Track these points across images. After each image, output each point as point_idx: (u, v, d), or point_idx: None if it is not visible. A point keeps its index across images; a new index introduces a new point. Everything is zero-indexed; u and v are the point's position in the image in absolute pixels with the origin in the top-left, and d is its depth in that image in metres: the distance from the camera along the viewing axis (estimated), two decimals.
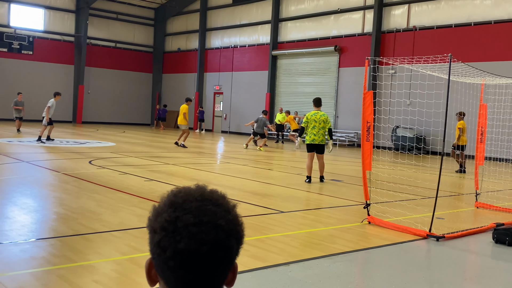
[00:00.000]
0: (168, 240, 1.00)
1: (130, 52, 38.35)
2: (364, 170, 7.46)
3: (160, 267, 1.03)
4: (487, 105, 9.38)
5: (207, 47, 35.62)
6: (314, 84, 28.59)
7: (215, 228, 1.01)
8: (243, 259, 5.07)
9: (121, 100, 37.23)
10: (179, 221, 1.00)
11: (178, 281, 1.02)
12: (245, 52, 32.78)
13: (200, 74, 35.69)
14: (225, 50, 34.09)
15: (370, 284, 4.96)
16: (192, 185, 1.11)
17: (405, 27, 24.30)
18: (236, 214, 1.08)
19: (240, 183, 10.70)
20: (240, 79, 32.88)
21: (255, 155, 18.57)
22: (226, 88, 33.89)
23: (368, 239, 6.44)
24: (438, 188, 6.74)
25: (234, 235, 1.04)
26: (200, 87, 35.73)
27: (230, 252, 1.04)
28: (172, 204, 1.04)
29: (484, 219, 7.91)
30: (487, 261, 6.10)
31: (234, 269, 1.08)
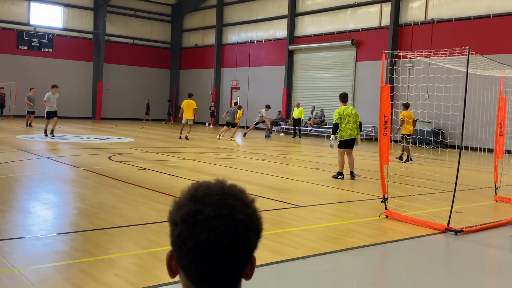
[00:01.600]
0: (188, 233, 1.04)
1: (148, 49, 38.61)
2: (381, 164, 7.45)
3: (181, 259, 1.07)
4: (507, 98, 9.27)
5: (224, 43, 35.68)
6: (331, 78, 28.47)
7: (235, 221, 1.04)
8: (261, 253, 5.12)
9: (140, 96, 37.52)
10: (199, 214, 1.04)
11: (197, 272, 1.06)
12: (261, 47, 32.76)
13: (217, 70, 35.79)
14: (242, 45, 34.12)
15: (387, 278, 4.97)
16: (212, 180, 1.15)
17: (422, 20, 24.03)
18: (254, 208, 1.11)
19: (258, 178, 10.75)
20: (257, 74, 32.89)
21: (274, 150, 18.60)
22: (243, 83, 33.93)
23: (386, 233, 6.44)
24: (456, 181, 6.70)
25: (253, 228, 1.08)
26: (217, 83, 35.83)
27: (249, 245, 1.07)
28: (192, 198, 1.08)
29: (503, 213, 7.84)
30: (506, 255, 6.05)
31: (253, 262, 1.11)
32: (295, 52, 30.50)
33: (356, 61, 26.98)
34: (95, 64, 35.72)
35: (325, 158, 16.23)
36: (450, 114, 9.11)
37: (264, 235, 4.48)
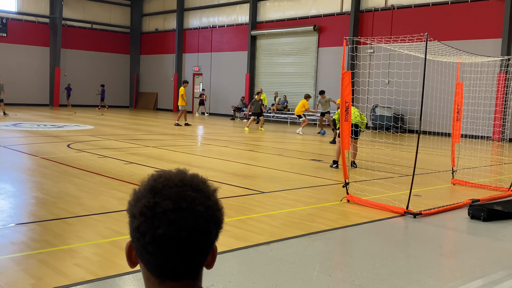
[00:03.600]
0: (147, 226, 1.02)
1: (107, 33, 37.71)
2: (343, 149, 7.55)
3: (140, 251, 1.05)
4: (463, 84, 9.52)
5: (185, 28, 35.21)
6: (294, 64, 28.56)
7: (194, 214, 1.02)
8: (225, 240, 5.13)
9: (99, 82, 36.66)
10: (158, 207, 1.02)
11: (157, 264, 1.04)
12: (224, 32, 32.51)
13: (178, 55, 35.33)
14: (204, 30, 33.76)
15: (349, 261, 5.07)
16: (173, 169, 1.12)
17: (383, 6, 24.33)
18: (216, 199, 1.09)
19: (221, 165, 10.73)
20: (219, 59, 32.66)
21: (237, 137, 18.59)
22: (206, 69, 33.65)
23: (347, 217, 6.55)
24: (415, 166, 6.86)
25: (214, 220, 1.06)
26: (179, 68, 35.40)
27: (209, 237, 1.05)
28: (152, 189, 1.05)
29: (460, 195, 8.09)
30: (462, 236, 6.26)
31: (214, 252, 1.10)
32: (257, 37, 30.40)
33: (318, 47, 27.13)
34: (52, 49, 34.66)
35: (288, 144, 16.33)
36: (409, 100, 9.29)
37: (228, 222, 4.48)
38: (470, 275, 4.41)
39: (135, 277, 4.05)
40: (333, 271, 4.52)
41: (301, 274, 4.30)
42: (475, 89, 10.89)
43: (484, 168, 11.57)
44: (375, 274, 4.38)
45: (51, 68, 34.68)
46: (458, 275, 4.51)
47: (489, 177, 10.34)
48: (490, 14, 20.83)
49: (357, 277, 4.33)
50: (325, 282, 4.14)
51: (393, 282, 4.21)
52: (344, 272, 4.62)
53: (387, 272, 4.45)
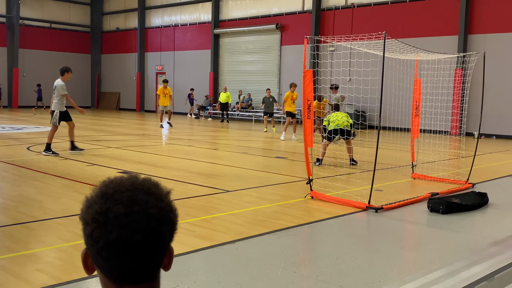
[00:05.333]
0: (99, 231, 1.03)
1: (66, 33, 36.90)
2: (306, 146, 7.65)
3: (95, 257, 1.06)
4: (421, 80, 9.78)
5: (147, 26, 34.82)
6: (257, 62, 28.65)
7: (147, 217, 1.04)
8: (189, 240, 5.13)
9: None
10: (110, 212, 1.03)
11: (113, 269, 1.05)
12: (186, 31, 32.31)
13: (141, 54, 34.92)
14: (166, 29, 33.46)
15: (313, 256, 5.16)
16: (125, 175, 1.14)
17: (343, 4, 24.67)
18: (169, 201, 1.11)
19: (186, 164, 10.69)
20: (182, 58, 32.44)
21: (202, 136, 18.54)
22: (169, 68, 33.37)
23: (311, 214, 6.65)
24: (375, 161, 7.02)
25: (167, 222, 1.08)
26: (141, 68, 34.99)
27: (163, 238, 1.07)
28: (103, 195, 1.07)
29: (420, 189, 8.32)
30: (422, 229, 6.45)
31: (170, 253, 1.12)
32: (220, 36, 30.35)
33: (281, 45, 27.30)
34: (9, 50, 33.66)
35: (253, 142, 16.40)
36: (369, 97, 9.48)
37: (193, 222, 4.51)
38: (430, 267, 4.56)
39: (99, 281, 4.01)
40: (298, 267, 4.59)
41: (266, 272, 4.35)
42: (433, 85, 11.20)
43: (442, 162, 11.91)
44: (338, 269, 4.48)
45: (8, 68, 33.69)
46: (418, 267, 4.65)
47: (448, 170, 10.66)
48: (446, 12, 21.42)
49: (321, 272, 4.42)
50: (290, 279, 4.21)
51: (355, 276, 4.31)
52: (308, 268, 4.70)
53: (350, 267, 4.55)
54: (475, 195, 7.50)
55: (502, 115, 20.07)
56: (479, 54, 10.14)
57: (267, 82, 27.71)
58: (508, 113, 20.03)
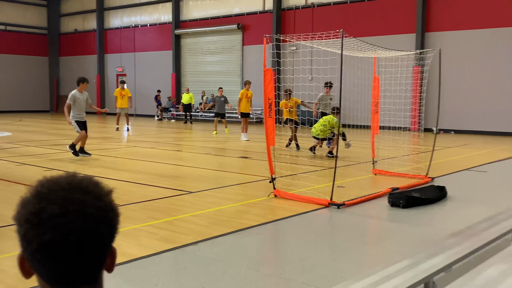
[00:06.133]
0: (32, 233, 0.98)
1: (23, 35, 35.88)
2: (268, 145, 7.65)
3: (30, 260, 1.01)
4: (380, 78, 9.94)
5: (106, 28, 34.21)
6: (219, 63, 28.57)
7: (83, 217, 0.99)
8: (151, 242, 5.06)
9: (16, 87, 34.86)
10: (43, 212, 0.98)
11: (49, 272, 1.00)
12: (147, 32, 31.92)
13: (100, 56, 34.28)
14: (126, 30, 32.97)
15: (276, 254, 5.16)
16: (63, 173, 1.09)
17: (304, 4, 24.88)
18: (109, 200, 1.07)
19: (148, 166, 10.54)
20: (143, 60, 32.03)
21: (164, 137, 18.34)
22: (130, 69, 32.89)
23: (274, 212, 6.66)
24: (336, 158, 7.09)
25: (106, 222, 1.04)
26: (101, 70, 34.36)
27: (101, 239, 1.03)
28: (37, 195, 1.02)
29: (381, 184, 8.45)
30: (383, 223, 6.55)
31: (113, 254, 1.08)
32: (181, 36, 30.12)
33: (243, 45, 27.30)
34: None
35: (216, 143, 16.33)
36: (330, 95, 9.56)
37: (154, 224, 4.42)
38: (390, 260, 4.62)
39: None
40: (261, 266, 4.58)
41: (229, 272, 4.33)
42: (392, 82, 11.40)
43: (402, 157, 12.15)
44: (301, 266, 4.49)
45: None
46: (378, 261, 4.71)
47: (408, 166, 10.87)
48: (404, 10, 21.88)
49: (284, 270, 4.42)
50: (253, 278, 4.19)
51: (318, 272, 4.34)
52: (271, 266, 4.70)
53: (313, 263, 4.57)
54: (434, 189, 7.67)
55: (460, 111, 20.65)
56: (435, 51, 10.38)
57: (229, 82, 27.66)
58: (465, 109, 20.62)
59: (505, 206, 5.72)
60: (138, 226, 5.64)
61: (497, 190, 8.39)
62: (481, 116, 20.39)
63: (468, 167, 10.82)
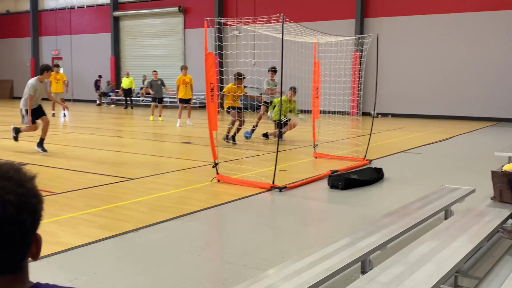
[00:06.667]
0: None
1: None
2: (210, 130, 7.62)
3: None
4: (320, 63, 10.09)
5: (40, 9, 32.69)
6: (161, 46, 28.03)
7: (2, 203, 0.97)
8: (89, 230, 4.93)
9: None
10: None
11: None
12: (84, 14, 30.77)
13: (34, 39, 32.77)
14: (61, 11, 31.64)
15: (218, 239, 5.18)
16: None
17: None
18: (31, 186, 1.04)
19: (86, 153, 10.24)
20: (80, 42, 30.91)
21: (104, 123, 17.85)
22: (66, 52, 31.66)
23: (217, 197, 6.66)
24: (278, 142, 7.16)
25: (27, 209, 1.01)
26: (35, 53, 32.88)
27: (23, 227, 1.00)
28: None
29: (321, 167, 8.63)
30: (323, 205, 6.71)
31: (37, 242, 1.05)
32: (120, 18, 29.26)
33: (184, 28, 26.89)
34: None
35: (158, 128, 16.08)
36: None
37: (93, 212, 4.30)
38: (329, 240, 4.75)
39: None
40: (203, 250, 4.58)
41: (170, 258, 4.30)
42: (332, 67, 11.60)
43: (342, 141, 12.44)
44: (242, 248, 4.53)
45: None
46: (318, 241, 4.83)
47: (347, 149, 11.15)
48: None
49: (226, 253, 4.44)
50: (194, 262, 4.19)
51: (259, 254, 4.39)
52: (213, 250, 4.71)
53: (254, 246, 4.62)
54: (372, 170, 7.93)
55: (397, 95, 21.35)
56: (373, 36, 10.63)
57: (171, 66, 27.21)
58: (402, 93, 21.34)
59: (438, 186, 5.99)
60: (75, 214, 5.49)
61: (431, 171, 8.77)
62: (418, 100, 21.18)
63: (404, 149, 11.24)
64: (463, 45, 20.13)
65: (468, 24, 19.98)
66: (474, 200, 5.21)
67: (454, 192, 5.33)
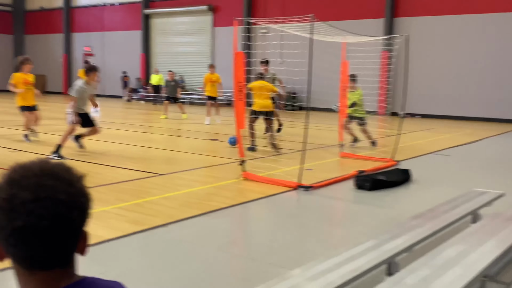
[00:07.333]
0: (5, 218, 1.00)
1: None
2: (238, 128, 7.70)
3: (3, 244, 1.04)
4: (349, 62, 10.06)
5: (73, 6, 33.34)
6: (190, 44, 28.28)
7: (54, 202, 1.02)
8: (120, 224, 5.06)
9: None
10: (15, 198, 1.01)
11: (23, 256, 1.04)
12: (116, 11, 31.26)
13: (67, 35, 33.46)
14: (94, 8, 32.20)
15: (245, 236, 5.25)
16: (35, 160, 1.11)
17: None
18: (80, 186, 1.09)
19: (117, 148, 10.45)
20: (112, 39, 31.41)
21: (133, 119, 18.13)
22: (97, 49, 32.21)
23: (244, 194, 6.73)
24: (305, 141, 7.19)
25: (77, 207, 1.07)
26: (67, 49, 33.57)
27: (73, 224, 1.06)
28: (10, 181, 1.04)
29: (348, 167, 8.61)
30: (349, 206, 6.71)
31: (85, 238, 1.11)
32: (151, 16, 29.63)
33: (213, 27, 27.06)
34: None
35: (186, 124, 16.26)
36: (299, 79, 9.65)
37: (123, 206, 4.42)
38: (355, 241, 4.77)
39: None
40: (229, 247, 4.66)
41: (198, 253, 4.39)
42: (360, 67, 11.53)
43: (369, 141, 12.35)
44: (268, 247, 4.59)
45: None
46: (344, 242, 4.85)
47: (374, 149, 11.08)
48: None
49: (252, 251, 4.51)
50: (222, 259, 4.27)
51: (285, 253, 4.44)
52: (239, 247, 4.79)
53: (280, 244, 4.67)
54: (399, 172, 7.87)
55: (426, 95, 21.07)
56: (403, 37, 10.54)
57: (200, 64, 27.43)
58: (431, 93, 21.05)
59: (466, 189, 5.93)
60: (106, 208, 5.63)
61: (459, 174, 8.67)
62: (447, 100, 20.86)
63: (432, 150, 11.11)
64: (494, 46, 19.73)
65: (502, 24, 19.57)
66: (503, 204, 5.16)
67: (482, 195, 5.27)
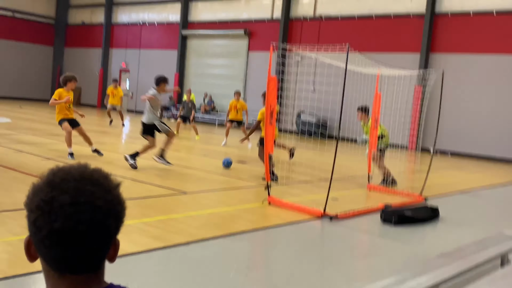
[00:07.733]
0: (43, 220, 1.02)
1: (30, 23, 35.91)
2: (266, 152, 7.70)
3: (38, 245, 1.05)
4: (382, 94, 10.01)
5: (113, 22, 34.30)
6: (224, 66, 28.65)
7: (92, 208, 1.03)
8: (142, 239, 5.08)
9: (19, 74, 34.86)
10: (55, 201, 1.02)
11: (55, 258, 1.05)
12: (154, 30, 32.00)
13: (105, 50, 34.35)
14: (133, 26, 33.05)
15: (265, 262, 5.20)
16: (74, 164, 1.13)
17: (311, 15, 24.99)
18: (116, 193, 1.11)
19: (145, 164, 10.56)
20: (148, 57, 32.09)
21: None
22: (133, 66, 32.94)
23: (267, 219, 6.69)
24: (333, 170, 7.14)
25: (113, 214, 1.08)
26: (105, 64, 34.42)
27: (108, 231, 1.07)
28: (49, 184, 1.06)
29: (375, 200, 8.49)
30: (374, 239, 6.59)
31: (116, 245, 1.12)
32: (188, 37, 30.21)
33: (248, 51, 27.39)
34: None
35: (215, 145, 16.36)
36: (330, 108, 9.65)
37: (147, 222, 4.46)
38: (377, 275, 4.67)
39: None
40: (250, 271, 4.62)
41: (217, 275, 4.36)
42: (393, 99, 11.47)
43: (398, 175, 12.18)
44: (290, 274, 4.53)
45: None
46: (366, 275, 4.76)
47: (402, 184, 10.91)
48: (410, 30, 22.01)
49: (272, 277, 4.46)
50: (240, 282, 4.23)
51: (305, 282, 4.37)
52: (260, 272, 4.74)
53: (301, 273, 4.60)
54: (427, 208, 7.71)
55: (458, 133, 20.74)
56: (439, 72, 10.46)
57: (233, 86, 27.67)
58: (463, 131, 20.71)
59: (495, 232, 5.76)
60: (130, 222, 5.67)
61: (489, 215, 8.44)
62: (479, 140, 20.48)
63: (462, 189, 10.88)
64: None
65: None
66: None
67: None
